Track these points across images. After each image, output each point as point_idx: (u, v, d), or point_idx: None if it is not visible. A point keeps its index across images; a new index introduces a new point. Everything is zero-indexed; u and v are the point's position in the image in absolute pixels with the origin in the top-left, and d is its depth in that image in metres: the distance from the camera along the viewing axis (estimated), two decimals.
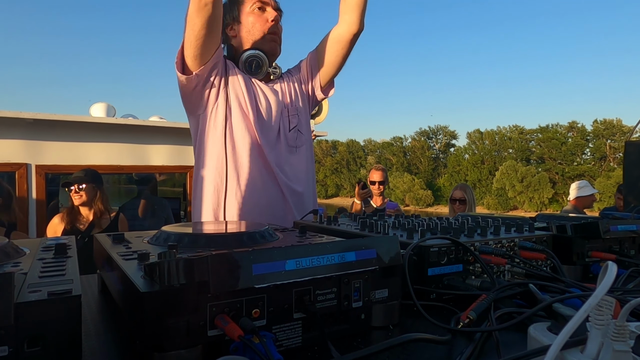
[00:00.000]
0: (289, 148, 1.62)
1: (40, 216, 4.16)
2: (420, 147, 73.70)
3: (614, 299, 0.47)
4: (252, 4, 1.62)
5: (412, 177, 66.71)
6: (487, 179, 62.76)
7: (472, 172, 64.13)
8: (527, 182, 55.23)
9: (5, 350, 0.49)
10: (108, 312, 0.85)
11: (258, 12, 1.62)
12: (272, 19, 1.61)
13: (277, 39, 1.65)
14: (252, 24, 1.62)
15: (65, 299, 0.53)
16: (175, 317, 0.55)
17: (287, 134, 1.62)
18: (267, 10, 1.63)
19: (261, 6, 1.63)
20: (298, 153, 1.64)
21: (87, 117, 4.56)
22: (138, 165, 4.66)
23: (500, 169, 58.79)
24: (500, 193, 58.12)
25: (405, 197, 62.95)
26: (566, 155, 58.45)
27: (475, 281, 0.90)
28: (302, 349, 0.65)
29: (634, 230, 1.21)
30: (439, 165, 72.98)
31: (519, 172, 56.18)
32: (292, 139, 1.62)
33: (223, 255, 0.57)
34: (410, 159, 74.30)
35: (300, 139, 1.64)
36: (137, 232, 1.06)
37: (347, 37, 1.60)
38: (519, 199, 55.83)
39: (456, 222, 1.25)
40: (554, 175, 57.67)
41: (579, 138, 57.94)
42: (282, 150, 1.61)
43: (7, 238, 0.82)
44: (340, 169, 78.86)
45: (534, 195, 54.65)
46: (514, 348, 0.66)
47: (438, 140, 75.44)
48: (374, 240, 0.72)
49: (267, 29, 1.62)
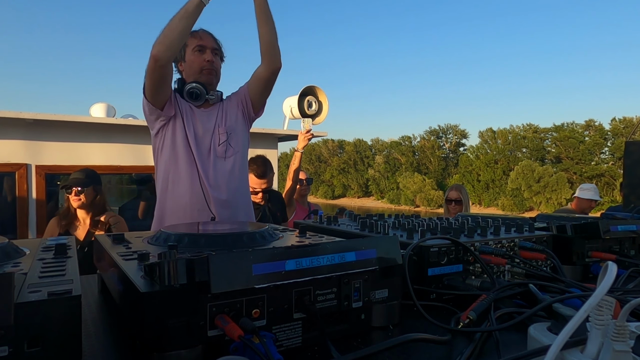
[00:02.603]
0: (217, 158, 2.06)
1: (40, 216, 4.16)
2: (430, 146, 71.76)
3: (614, 299, 0.47)
4: (193, 47, 2.05)
5: (422, 177, 64.72)
6: (501, 179, 60.49)
7: (485, 172, 61.99)
8: (544, 183, 53.10)
9: (5, 351, 0.49)
10: (108, 312, 0.85)
11: (197, 53, 2.05)
12: (208, 59, 2.05)
13: (213, 72, 2.08)
14: (192, 62, 2.06)
15: (65, 299, 0.53)
16: (175, 317, 0.55)
17: (217, 147, 2.06)
18: (205, 52, 2.06)
19: (200, 48, 2.05)
20: (227, 162, 2.08)
21: (87, 117, 4.54)
22: (138, 165, 4.66)
23: (516, 169, 56.43)
24: (515, 194, 55.91)
25: (416, 198, 61.17)
26: (584, 155, 56.03)
27: (475, 281, 0.90)
28: (302, 349, 0.65)
29: (634, 230, 1.21)
30: (449, 165, 70.99)
31: (535, 172, 53.98)
32: (222, 151, 2.07)
33: (223, 255, 0.57)
34: (419, 159, 72.59)
35: (229, 151, 2.08)
36: (137, 232, 1.06)
37: (266, 76, 2.06)
38: (535, 200, 53.55)
39: (456, 222, 1.25)
40: (571, 175, 55.38)
41: (598, 137, 55.32)
42: (211, 159, 2.05)
43: (7, 238, 0.82)
44: (348, 168, 77.57)
45: (551, 196, 52.46)
46: (514, 348, 0.66)
47: (448, 139, 73.57)
48: (374, 240, 0.72)
49: (204, 66, 2.05)
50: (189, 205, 1.98)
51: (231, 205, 2.07)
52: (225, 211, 2.04)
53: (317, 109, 3.95)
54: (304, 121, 3.73)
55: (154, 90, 1.88)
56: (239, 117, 2.15)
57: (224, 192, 2.05)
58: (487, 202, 60.36)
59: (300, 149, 3.61)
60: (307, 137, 3.59)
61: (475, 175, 63.26)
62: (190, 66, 2.06)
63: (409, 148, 74.23)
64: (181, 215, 2.00)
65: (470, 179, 62.42)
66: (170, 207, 2.03)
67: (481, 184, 62.06)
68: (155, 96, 1.90)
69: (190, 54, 2.05)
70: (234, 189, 2.10)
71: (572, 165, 56.53)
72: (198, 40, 2.04)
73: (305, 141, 3.59)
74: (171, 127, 2.00)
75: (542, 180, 53.49)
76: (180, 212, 2.00)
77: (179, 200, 2.01)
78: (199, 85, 2.03)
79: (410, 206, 60.81)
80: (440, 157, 71.35)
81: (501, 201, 56.93)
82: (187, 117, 2.03)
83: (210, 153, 2.05)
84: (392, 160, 73.73)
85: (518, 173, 55.63)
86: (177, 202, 2.01)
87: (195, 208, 1.97)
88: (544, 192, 53.20)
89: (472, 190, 62.03)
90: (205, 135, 2.05)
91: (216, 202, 2.01)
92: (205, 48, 2.05)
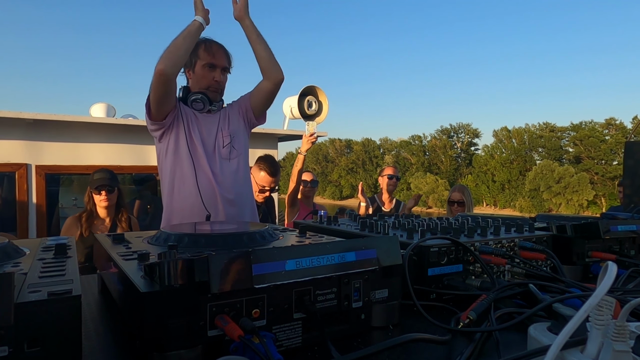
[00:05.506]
0: (222, 159, 2.15)
1: (40, 216, 4.15)
2: (442, 145, 70.17)
3: (614, 299, 0.47)
4: (205, 62, 2.10)
5: (435, 177, 62.79)
6: (518, 179, 58.55)
7: (501, 172, 59.98)
8: (564, 183, 50.95)
9: (6, 351, 0.49)
10: (108, 312, 0.86)
11: (208, 70, 2.11)
12: (217, 79, 2.13)
13: (218, 89, 2.17)
14: (201, 77, 2.12)
15: (65, 299, 0.53)
16: (175, 317, 0.55)
17: (221, 149, 2.15)
18: (215, 70, 2.12)
19: (211, 65, 2.11)
20: (231, 163, 2.17)
21: (87, 117, 4.54)
22: (138, 165, 4.66)
23: (534, 169, 54.48)
24: (533, 195, 53.77)
25: (429, 199, 59.15)
26: (606, 154, 53.96)
27: (475, 281, 0.90)
28: (302, 349, 0.65)
29: (634, 230, 1.21)
30: (461, 165, 69.46)
31: (555, 172, 51.93)
32: (226, 153, 2.16)
33: (223, 255, 0.57)
34: (430, 158, 71.16)
35: (233, 153, 2.18)
36: (137, 232, 1.06)
37: (270, 88, 2.17)
38: (555, 201, 51.46)
39: (456, 222, 1.25)
40: (592, 175, 52.96)
41: (620, 135, 52.29)
42: (217, 160, 2.13)
43: (6, 238, 0.82)
44: (356, 168, 76.39)
45: (572, 197, 50.40)
46: (514, 348, 0.66)
47: (460, 138, 72.10)
48: (374, 240, 0.72)
49: (211, 85, 2.13)
50: (197, 205, 2.02)
51: (237, 204, 2.14)
52: (233, 209, 2.11)
53: (317, 109, 3.94)
54: (308, 124, 3.75)
55: (158, 103, 1.96)
56: (241, 122, 2.25)
57: (231, 191, 2.12)
58: (502, 203, 58.87)
59: (304, 152, 3.63)
60: (311, 140, 3.62)
61: (490, 175, 61.60)
62: (198, 80, 2.13)
63: (419, 147, 73.03)
64: (188, 215, 2.04)
65: (485, 180, 60.93)
66: (178, 208, 2.08)
67: (496, 184, 60.56)
68: (159, 109, 1.98)
69: (201, 69, 2.11)
70: (239, 189, 2.18)
71: (593, 165, 54.63)
72: (211, 57, 2.10)
73: (309, 144, 3.62)
74: (175, 132, 2.07)
75: (563, 181, 51.68)
76: (187, 212, 2.05)
77: (186, 200, 2.06)
78: (204, 97, 2.11)
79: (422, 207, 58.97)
80: (452, 157, 70.04)
81: (519, 202, 55.13)
82: (192, 121, 2.10)
83: (215, 154, 2.12)
84: (401, 160, 72.62)
85: (537, 173, 53.94)
86: (185, 202, 2.06)
87: (203, 207, 2.01)
88: (564, 193, 51.48)
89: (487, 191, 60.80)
90: (209, 137, 2.13)
91: (224, 201, 2.08)
92: (216, 67, 2.12)
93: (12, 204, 4.09)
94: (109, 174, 3.20)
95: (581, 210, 49.52)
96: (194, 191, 2.03)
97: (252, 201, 2.30)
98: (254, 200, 2.34)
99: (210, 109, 2.16)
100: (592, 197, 50.96)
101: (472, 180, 61.53)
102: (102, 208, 3.17)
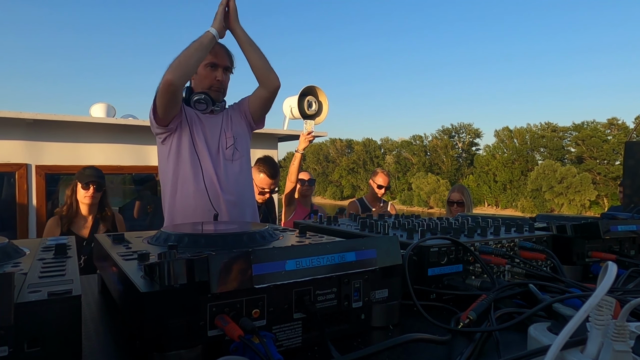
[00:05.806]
0: (226, 160, 2.15)
1: (40, 216, 4.15)
2: (443, 145, 69.94)
3: (614, 299, 0.47)
4: (207, 62, 2.09)
5: (436, 177, 62.95)
6: (519, 179, 58.34)
7: (503, 172, 59.81)
8: (567, 183, 50.98)
9: (5, 351, 0.49)
10: (108, 312, 0.86)
11: (210, 69, 2.11)
12: (219, 78, 2.12)
13: (221, 88, 2.16)
14: (203, 77, 2.12)
15: (65, 299, 0.53)
16: (175, 317, 0.55)
17: (225, 150, 2.15)
18: (217, 70, 2.12)
19: (213, 65, 2.11)
20: (234, 164, 2.17)
21: (87, 117, 4.54)
22: (138, 165, 4.66)
23: (536, 169, 54.28)
24: (535, 195, 53.56)
25: (430, 199, 59.38)
26: (609, 154, 53.84)
27: (475, 281, 0.90)
28: (302, 349, 0.65)
29: (634, 230, 1.21)
30: (462, 165, 69.29)
31: (557, 172, 52.04)
32: (229, 154, 2.17)
33: (223, 255, 0.57)
34: (431, 158, 70.88)
35: (236, 154, 2.18)
36: (137, 232, 1.06)
37: (267, 95, 2.18)
38: (557, 202, 51.26)
39: (456, 222, 1.25)
40: (595, 175, 52.91)
41: (622, 135, 51.96)
42: (221, 161, 2.14)
43: (6, 238, 0.82)
44: (357, 168, 76.23)
45: (574, 197, 50.17)
46: (514, 348, 0.66)
47: (461, 138, 71.84)
48: (374, 240, 0.72)
49: (213, 84, 2.13)
50: (200, 206, 2.03)
51: (239, 205, 2.15)
52: (235, 210, 2.12)
53: (317, 109, 3.95)
54: (306, 123, 3.74)
55: (164, 110, 1.97)
56: (243, 124, 2.27)
57: (233, 192, 2.13)
58: (504, 203, 58.68)
59: (301, 150, 3.62)
60: (309, 139, 3.61)
61: (492, 175, 61.32)
62: (200, 80, 2.13)
63: (420, 147, 72.73)
64: (191, 216, 2.05)
65: (486, 180, 60.66)
66: (181, 209, 2.08)
67: (498, 184, 60.40)
68: (165, 115, 1.99)
69: (203, 68, 2.10)
70: (242, 190, 2.19)
71: (595, 165, 54.34)
72: (213, 56, 2.10)
73: (306, 142, 3.60)
74: (178, 133, 2.08)
75: (565, 181, 51.50)
76: (190, 213, 2.05)
77: (189, 202, 2.07)
78: (207, 97, 2.11)
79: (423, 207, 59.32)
80: (453, 157, 69.80)
81: (521, 202, 54.94)
82: (195, 123, 2.11)
83: (219, 156, 2.14)
84: (402, 160, 72.29)
85: (539, 173, 53.78)
86: (188, 203, 2.07)
87: (206, 208, 2.02)
88: (567, 194, 51.29)
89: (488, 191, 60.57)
90: (213, 139, 2.14)
91: (227, 202, 2.09)
92: (218, 67, 2.12)
93: (12, 204, 4.09)
94: (100, 173, 3.20)
95: (583, 210, 49.28)
96: (197, 192, 2.04)
97: (253, 202, 2.31)
98: (255, 201, 2.35)
99: (213, 109, 2.17)
100: (595, 197, 50.64)
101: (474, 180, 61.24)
102: (85, 205, 3.12)
